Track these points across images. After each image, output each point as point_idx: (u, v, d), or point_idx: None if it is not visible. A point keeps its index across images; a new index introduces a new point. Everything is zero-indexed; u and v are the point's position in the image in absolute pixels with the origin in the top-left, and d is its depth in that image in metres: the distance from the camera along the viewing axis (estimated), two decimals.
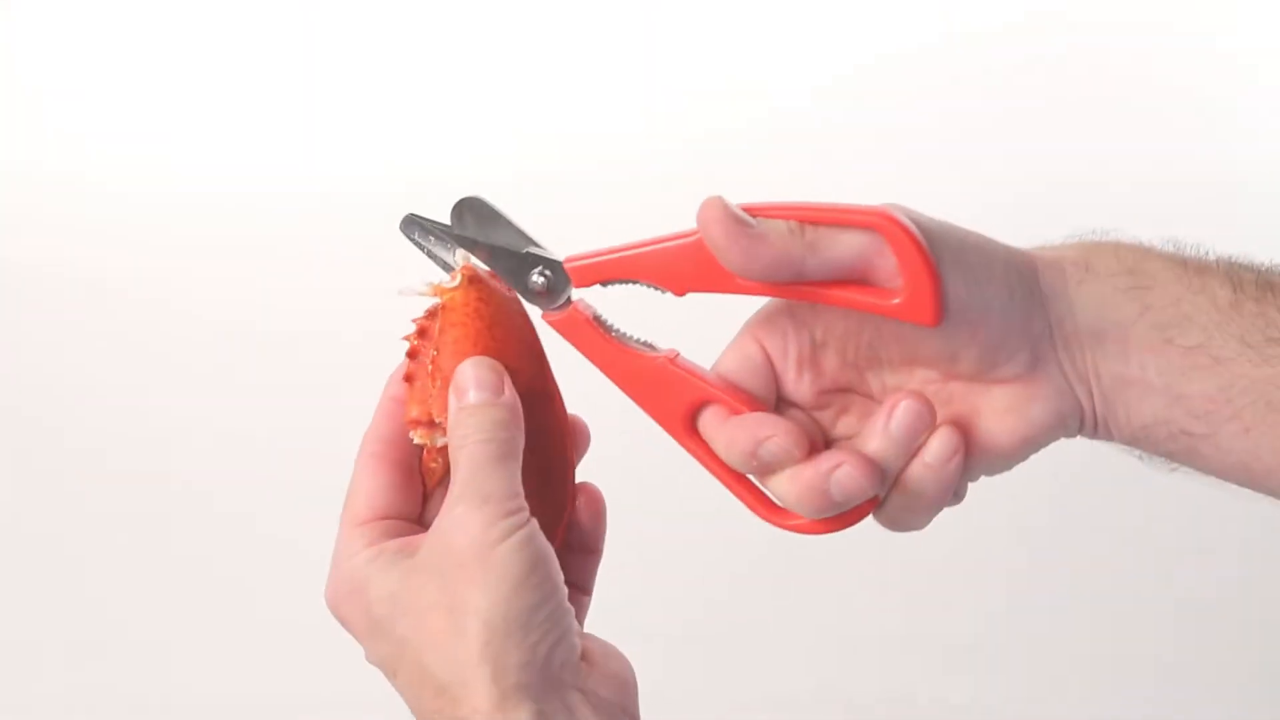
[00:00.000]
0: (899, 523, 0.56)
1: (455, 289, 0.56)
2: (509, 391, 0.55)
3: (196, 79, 1.41)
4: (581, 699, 0.52)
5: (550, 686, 0.51)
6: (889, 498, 0.56)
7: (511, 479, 0.53)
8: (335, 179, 1.38)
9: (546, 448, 0.58)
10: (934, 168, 1.33)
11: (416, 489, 0.58)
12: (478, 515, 0.52)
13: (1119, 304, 0.53)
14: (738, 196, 0.52)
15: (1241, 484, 0.55)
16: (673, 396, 0.55)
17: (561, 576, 0.53)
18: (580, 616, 0.60)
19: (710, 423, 0.55)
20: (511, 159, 1.36)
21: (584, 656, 0.54)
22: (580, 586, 0.61)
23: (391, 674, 0.54)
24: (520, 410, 0.55)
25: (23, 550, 1.35)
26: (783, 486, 0.54)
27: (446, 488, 0.55)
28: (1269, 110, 1.35)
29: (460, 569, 0.51)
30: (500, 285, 0.58)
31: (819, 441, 0.56)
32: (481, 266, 0.57)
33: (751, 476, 0.56)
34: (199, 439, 1.35)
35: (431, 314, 0.57)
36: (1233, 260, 0.55)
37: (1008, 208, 1.27)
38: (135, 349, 1.37)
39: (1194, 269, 0.54)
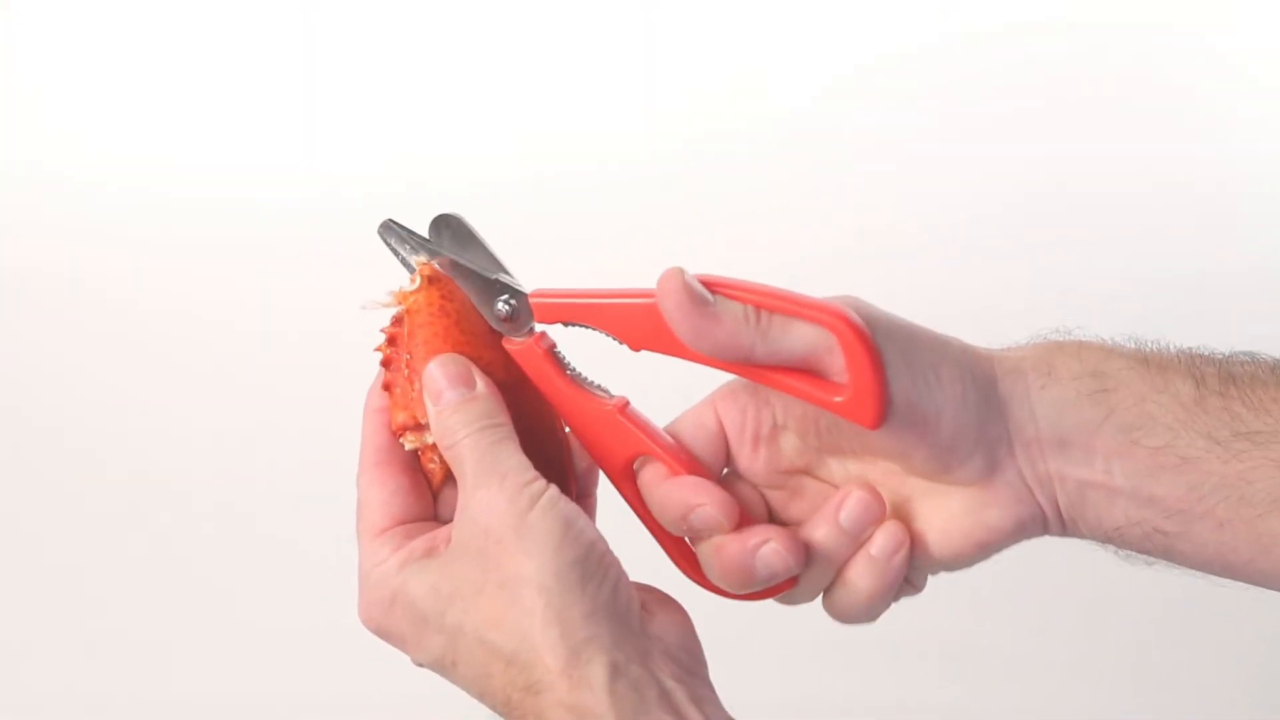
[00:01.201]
0: (846, 613, 0.56)
1: (417, 291, 0.57)
2: (482, 382, 0.55)
3: (196, 80, 1.41)
4: (652, 644, 0.52)
5: (622, 634, 0.51)
6: (833, 589, 0.56)
7: (518, 455, 0.54)
8: (334, 180, 1.38)
9: (535, 432, 0.57)
10: (934, 168, 1.33)
11: (424, 489, 0.58)
12: (500, 493, 0.52)
13: (1083, 408, 0.53)
14: (737, 197, 0.52)
15: (1221, 575, 0.54)
16: (615, 444, 0.56)
17: (596, 529, 0.53)
18: None
19: (649, 479, 0.56)
20: (511, 159, 1.36)
21: (642, 605, 0.54)
22: None
23: (451, 665, 0.53)
24: (499, 396, 0.55)
25: (23, 550, 1.35)
26: (708, 556, 0.55)
27: (453, 482, 0.55)
28: (1269, 110, 1.35)
29: (499, 545, 0.51)
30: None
31: (760, 517, 0.57)
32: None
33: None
34: (198, 439, 1.35)
35: (398, 321, 0.57)
36: (1193, 353, 0.54)
37: (1007, 208, 1.28)
38: (134, 349, 1.37)
39: (1156, 367, 0.54)
